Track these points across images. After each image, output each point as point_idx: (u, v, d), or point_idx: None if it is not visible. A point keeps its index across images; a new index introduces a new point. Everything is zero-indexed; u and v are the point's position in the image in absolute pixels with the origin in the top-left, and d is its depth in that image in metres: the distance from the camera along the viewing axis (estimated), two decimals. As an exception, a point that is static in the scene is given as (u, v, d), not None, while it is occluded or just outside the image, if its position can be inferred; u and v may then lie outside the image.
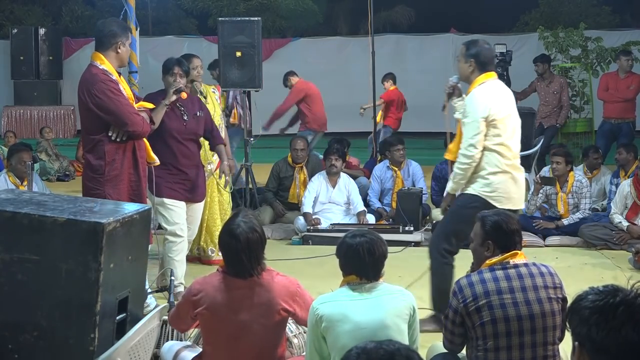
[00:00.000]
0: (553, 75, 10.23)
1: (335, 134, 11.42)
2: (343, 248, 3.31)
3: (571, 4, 18.70)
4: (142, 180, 4.68)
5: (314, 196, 7.46)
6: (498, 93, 4.61)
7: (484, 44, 4.69)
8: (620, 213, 6.97)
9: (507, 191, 4.55)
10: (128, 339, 3.17)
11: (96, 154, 4.53)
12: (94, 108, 4.47)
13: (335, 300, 3.25)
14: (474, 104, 4.52)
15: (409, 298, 3.31)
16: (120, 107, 4.47)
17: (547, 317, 3.20)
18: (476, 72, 4.60)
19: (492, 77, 4.63)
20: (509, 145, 4.57)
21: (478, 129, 4.48)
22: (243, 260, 3.30)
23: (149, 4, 14.32)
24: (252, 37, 7.46)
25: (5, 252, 3.15)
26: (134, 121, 4.51)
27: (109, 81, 4.48)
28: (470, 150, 4.49)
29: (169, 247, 5.29)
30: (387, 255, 3.33)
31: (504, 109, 4.57)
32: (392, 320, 3.19)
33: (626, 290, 1.79)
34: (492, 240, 3.37)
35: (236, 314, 3.31)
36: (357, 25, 17.81)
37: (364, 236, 3.30)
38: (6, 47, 15.57)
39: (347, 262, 3.30)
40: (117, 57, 4.59)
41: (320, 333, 3.20)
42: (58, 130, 14.39)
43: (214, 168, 6.24)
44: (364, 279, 3.26)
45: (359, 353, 1.76)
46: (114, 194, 4.48)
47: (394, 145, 8.02)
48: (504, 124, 4.54)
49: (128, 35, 4.66)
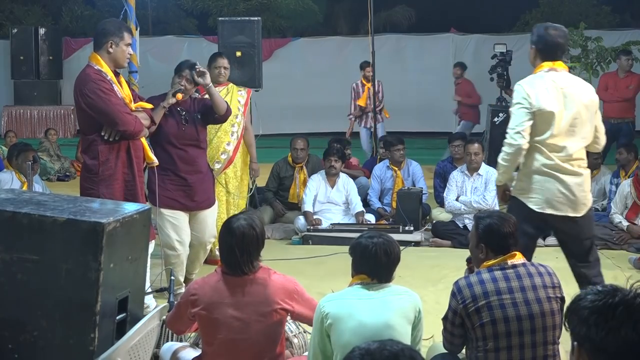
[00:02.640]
0: None
1: (335, 134, 11.43)
2: (359, 248, 3.28)
3: (571, 3, 18.68)
4: (138, 180, 4.65)
5: (314, 194, 7.47)
6: (547, 85, 4.16)
7: (550, 29, 4.24)
8: (620, 213, 6.98)
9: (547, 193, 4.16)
10: (128, 339, 3.17)
11: (91, 153, 4.54)
12: (86, 108, 4.47)
13: (342, 298, 3.25)
14: (517, 91, 4.17)
15: (415, 299, 3.30)
16: (111, 107, 4.44)
17: (547, 317, 3.21)
18: (538, 60, 4.26)
19: (552, 67, 4.20)
20: (554, 144, 4.15)
21: (522, 117, 4.11)
22: (236, 256, 3.31)
23: (149, 4, 14.31)
24: (252, 37, 7.45)
25: (5, 252, 3.15)
26: (125, 121, 4.48)
27: (101, 81, 4.46)
28: (516, 138, 4.11)
29: (166, 257, 5.24)
30: (400, 258, 3.32)
31: (549, 104, 4.12)
32: (397, 320, 3.19)
33: (625, 290, 1.79)
34: (484, 243, 3.37)
35: (233, 313, 3.31)
36: (357, 25, 17.79)
37: (381, 237, 3.29)
38: (6, 47, 15.57)
39: (362, 262, 3.28)
40: (110, 57, 4.53)
41: (325, 331, 3.20)
42: (58, 130, 14.36)
43: (222, 168, 6.23)
44: (375, 279, 3.26)
45: (362, 354, 1.75)
46: (107, 193, 4.47)
47: (393, 145, 8.02)
48: (550, 119, 4.12)
49: (122, 36, 4.55)
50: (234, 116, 6.29)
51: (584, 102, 4.20)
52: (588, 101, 4.23)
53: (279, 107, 13.83)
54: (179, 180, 5.19)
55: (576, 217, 4.24)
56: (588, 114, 4.22)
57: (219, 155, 6.18)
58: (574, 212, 4.24)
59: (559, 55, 4.27)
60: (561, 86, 4.18)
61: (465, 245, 5.98)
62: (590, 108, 4.23)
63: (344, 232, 7.04)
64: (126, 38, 4.58)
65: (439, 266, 6.20)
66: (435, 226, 7.34)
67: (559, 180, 4.18)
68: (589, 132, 4.26)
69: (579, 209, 4.25)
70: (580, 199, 4.24)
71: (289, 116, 14.87)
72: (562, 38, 4.27)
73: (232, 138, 6.30)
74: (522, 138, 4.10)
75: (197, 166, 5.27)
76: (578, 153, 4.22)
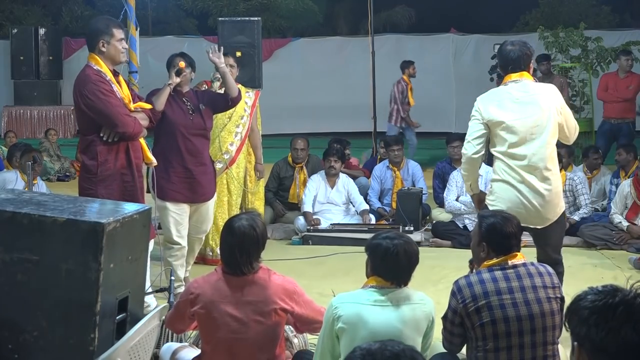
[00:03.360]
0: (553, 75, 10.24)
1: (335, 134, 11.44)
2: (380, 250, 3.18)
3: (571, 3, 18.69)
4: (137, 180, 4.65)
5: (314, 194, 7.47)
6: (502, 97, 4.28)
7: (508, 45, 4.35)
8: (620, 213, 6.98)
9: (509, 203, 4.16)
10: (128, 339, 3.17)
11: (89, 154, 4.54)
12: (85, 109, 4.47)
13: (355, 302, 3.19)
14: (474, 107, 4.39)
15: (429, 309, 3.26)
16: (110, 108, 4.44)
17: (547, 317, 3.21)
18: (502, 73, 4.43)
19: (515, 78, 4.28)
20: (515, 153, 4.21)
21: (473, 128, 4.33)
22: (236, 256, 3.32)
23: (149, 4, 14.31)
24: (252, 37, 7.46)
25: (5, 252, 3.15)
26: (124, 122, 4.48)
27: (100, 82, 4.45)
28: (467, 148, 4.37)
29: (167, 252, 5.26)
30: (419, 259, 3.26)
31: (498, 114, 4.24)
32: (408, 333, 3.15)
33: (625, 290, 1.79)
34: (486, 242, 3.37)
35: (232, 312, 3.31)
36: (357, 25, 17.79)
37: (401, 238, 3.22)
38: (6, 47, 15.57)
39: (382, 264, 3.19)
40: (105, 56, 4.51)
41: (335, 332, 3.18)
42: (58, 131, 14.36)
43: (224, 167, 6.23)
44: (394, 283, 3.20)
45: (363, 354, 1.74)
46: (105, 194, 4.46)
47: (390, 145, 8.03)
48: (505, 130, 4.23)
49: (112, 33, 4.49)
50: (239, 117, 6.31)
51: (543, 107, 4.22)
52: (547, 106, 4.23)
53: (279, 107, 13.82)
54: (185, 172, 5.23)
55: (537, 228, 4.27)
56: (550, 119, 4.22)
57: (221, 155, 6.18)
58: (535, 224, 4.24)
59: (520, 67, 4.30)
60: (517, 97, 4.24)
61: (465, 245, 5.99)
62: (551, 111, 4.23)
63: (344, 232, 7.05)
64: (116, 34, 4.52)
65: (439, 266, 6.21)
66: (435, 226, 7.34)
67: (518, 191, 4.19)
68: (553, 137, 4.26)
69: (540, 222, 4.25)
70: (542, 213, 4.22)
71: (289, 116, 14.87)
72: (516, 52, 4.29)
73: (235, 139, 6.31)
74: (472, 147, 4.31)
75: (202, 158, 5.33)
76: (542, 161, 4.20)
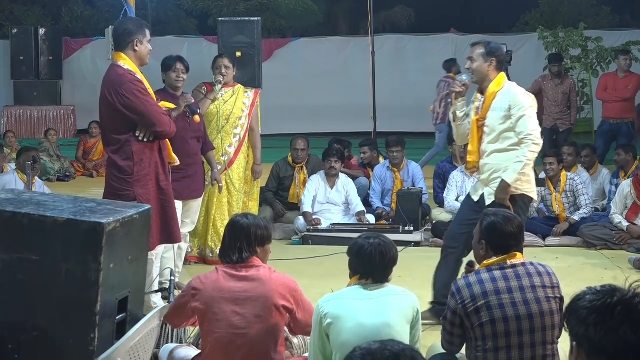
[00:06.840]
0: (564, 76, 10.15)
1: (335, 134, 11.44)
2: (355, 248, 3.33)
3: (571, 4, 18.66)
4: (169, 179, 4.72)
5: (313, 195, 7.47)
6: None
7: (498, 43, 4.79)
8: (620, 213, 6.98)
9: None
10: (128, 339, 3.18)
11: (123, 154, 4.50)
12: (122, 109, 4.45)
13: (340, 298, 3.28)
14: (523, 97, 4.58)
15: (413, 299, 3.33)
16: (149, 108, 4.49)
17: (546, 317, 3.21)
18: (495, 71, 4.65)
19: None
20: None
21: (536, 120, 4.57)
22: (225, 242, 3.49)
23: (149, 4, 14.26)
24: (252, 37, 7.47)
25: (5, 252, 3.15)
26: (162, 121, 4.55)
27: (137, 81, 4.49)
28: (540, 138, 4.52)
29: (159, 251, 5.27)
30: (397, 260, 3.35)
31: None
32: (396, 320, 3.20)
33: (624, 290, 1.80)
34: (485, 240, 3.37)
35: (233, 309, 3.33)
36: (357, 25, 17.79)
37: (378, 238, 3.33)
38: (6, 47, 15.55)
39: (357, 262, 3.32)
40: (136, 55, 4.57)
41: (324, 331, 3.21)
42: (58, 131, 14.37)
43: (222, 169, 6.22)
44: (370, 280, 3.28)
45: (363, 354, 1.75)
46: (143, 194, 4.47)
47: (389, 146, 8.02)
48: None
49: (145, 33, 4.61)
50: (237, 118, 6.31)
51: None
52: None
53: (279, 107, 13.81)
54: (181, 172, 5.32)
55: None
56: None
57: (219, 157, 6.18)
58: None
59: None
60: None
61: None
62: None
63: (343, 232, 7.04)
64: (148, 35, 4.65)
65: (438, 266, 6.19)
66: (435, 226, 7.34)
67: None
68: None
69: None
70: None
71: (289, 116, 14.85)
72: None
73: (233, 140, 6.32)
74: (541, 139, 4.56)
75: (196, 158, 5.57)
76: None
